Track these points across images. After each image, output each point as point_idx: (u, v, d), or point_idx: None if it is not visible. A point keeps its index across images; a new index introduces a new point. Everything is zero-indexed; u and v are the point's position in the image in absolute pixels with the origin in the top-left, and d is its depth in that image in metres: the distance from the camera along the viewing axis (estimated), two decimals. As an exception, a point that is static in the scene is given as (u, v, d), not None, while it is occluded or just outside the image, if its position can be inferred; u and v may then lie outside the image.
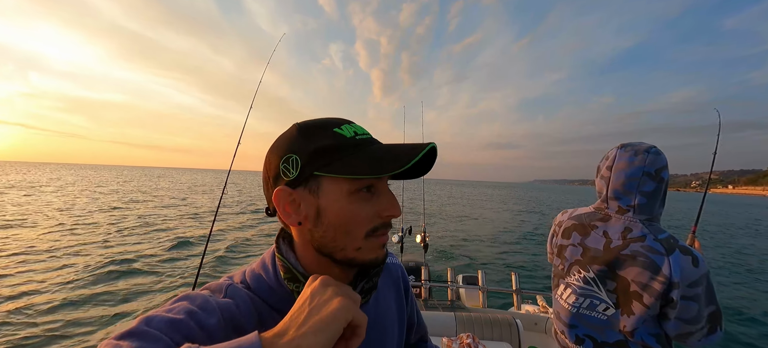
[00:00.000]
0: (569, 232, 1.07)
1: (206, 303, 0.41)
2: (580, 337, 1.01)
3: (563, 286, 1.08)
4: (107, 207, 15.25)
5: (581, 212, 1.08)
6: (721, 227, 18.48)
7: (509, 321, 1.76)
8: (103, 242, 8.45)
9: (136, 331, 0.33)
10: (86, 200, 17.89)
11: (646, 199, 0.92)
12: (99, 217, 12.34)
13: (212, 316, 0.40)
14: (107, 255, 7.23)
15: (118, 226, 10.71)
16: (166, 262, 7.11)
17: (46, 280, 5.60)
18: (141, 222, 11.62)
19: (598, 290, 0.96)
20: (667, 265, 0.82)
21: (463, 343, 1.61)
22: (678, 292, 0.81)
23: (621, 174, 0.94)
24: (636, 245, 0.88)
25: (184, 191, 28.35)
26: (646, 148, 0.93)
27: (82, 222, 11.09)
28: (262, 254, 0.52)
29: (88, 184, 32.71)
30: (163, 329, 0.35)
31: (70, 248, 7.71)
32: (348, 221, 0.43)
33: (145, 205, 17.17)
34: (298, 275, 0.45)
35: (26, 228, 9.74)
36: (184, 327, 0.36)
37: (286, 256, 0.47)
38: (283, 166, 0.43)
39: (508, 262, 8.17)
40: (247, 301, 0.45)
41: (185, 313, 0.38)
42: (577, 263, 1.02)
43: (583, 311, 1.00)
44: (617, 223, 0.95)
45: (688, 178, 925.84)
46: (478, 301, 2.71)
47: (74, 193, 21.58)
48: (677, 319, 0.85)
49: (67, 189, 25.03)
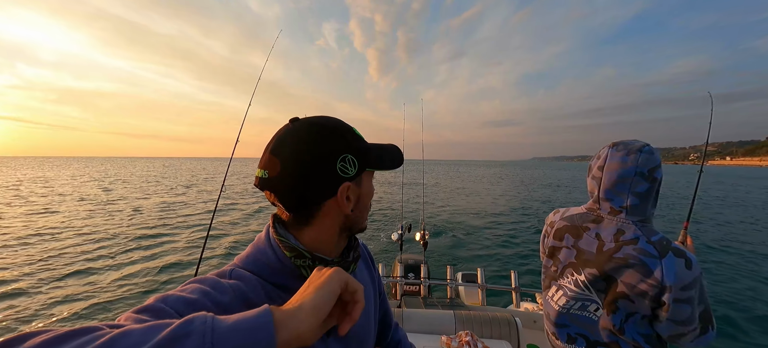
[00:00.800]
0: (561, 233, 1.05)
1: (217, 283, 0.45)
2: (572, 335, 1.01)
3: (555, 288, 1.07)
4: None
5: (573, 213, 1.06)
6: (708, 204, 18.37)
7: (508, 319, 1.77)
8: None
9: (153, 308, 0.37)
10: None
11: (638, 200, 0.90)
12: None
13: (225, 294, 0.44)
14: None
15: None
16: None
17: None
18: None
19: (589, 292, 0.96)
20: (660, 269, 0.82)
21: (462, 341, 1.62)
22: (670, 295, 0.81)
23: (613, 174, 0.92)
24: (628, 248, 0.87)
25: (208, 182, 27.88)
26: (639, 147, 0.91)
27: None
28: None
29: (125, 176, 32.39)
30: (178, 307, 0.38)
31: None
32: (369, 200, 0.58)
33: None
34: (303, 252, 0.51)
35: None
36: (199, 305, 0.40)
37: (285, 237, 0.52)
38: (340, 165, 0.51)
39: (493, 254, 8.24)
40: (253, 281, 0.49)
41: (199, 293, 0.42)
42: (571, 266, 1.01)
43: (575, 312, 1.00)
44: (610, 225, 0.93)
45: (687, 151, 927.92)
46: (477, 299, 2.73)
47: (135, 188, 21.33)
48: (669, 320, 0.85)
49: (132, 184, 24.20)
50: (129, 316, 0.36)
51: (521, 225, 11.34)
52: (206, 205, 14.55)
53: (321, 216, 0.53)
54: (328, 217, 0.53)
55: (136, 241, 8.17)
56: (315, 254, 0.51)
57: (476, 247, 8.36)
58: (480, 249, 8.21)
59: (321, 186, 0.50)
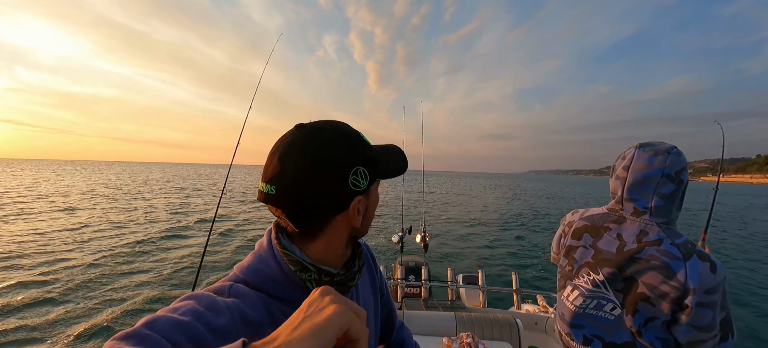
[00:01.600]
0: (580, 233, 1.03)
1: (214, 303, 0.41)
2: (587, 337, 0.99)
3: (570, 288, 1.05)
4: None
5: (593, 213, 1.04)
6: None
7: (509, 321, 1.77)
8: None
9: (137, 334, 0.33)
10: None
11: (663, 201, 0.88)
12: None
13: (221, 316, 0.40)
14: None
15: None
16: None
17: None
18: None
19: (606, 291, 0.94)
20: (684, 271, 0.80)
21: (463, 342, 1.62)
22: (694, 298, 0.79)
23: (639, 174, 0.90)
24: (652, 249, 0.85)
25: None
26: (667, 148, 0.89)
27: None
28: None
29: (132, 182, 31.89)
30: (166, 332, 0.34)
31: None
32: (375, 208, 0.57)
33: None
34: (308, 265, 0.48)
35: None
36: (190, 328, 0.36)
37: (290, 250, 0.49)
38: (353, 179, 0.48)
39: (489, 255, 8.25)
40: (254, 298, 0.45)
41: (191, 314, 0.37)
42: (587, 265, 0.99)
43: (590, 311, 0.98)
44: (632, 226, 0.91)
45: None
46: (478, 300, 2.73)
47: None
48: (690, 325, 0.82)
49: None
50: (112, 346, 0.31)
51: (520, 230, 11.43)
52: (208, 207, 14.49)
53: (330, 230, 0.50)
54: (337, 231, 0.51)
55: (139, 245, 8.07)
56: (321, 267, 0.49)
57: (476, 249, 8.35)
58: (480, 249, 8.20)
59: (332, 201, 0.48)
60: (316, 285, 0.47)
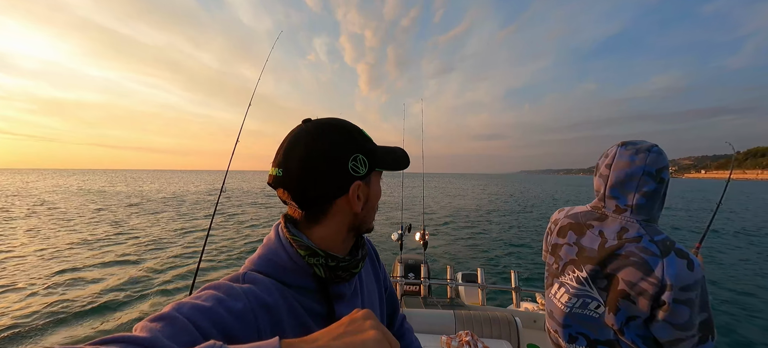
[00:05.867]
0: (565, 231, 1.06)
1: (231, 289, 0.44)
2: (573, 335, 1.01)
3: (557, 285, 1.07)
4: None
5: (578, 211, 1.07)
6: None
7: (508, 319, 1.78)
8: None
9: (168, 316, 0.37)
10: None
11: (645, 199, 0.90)
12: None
13: (238, 301, 0.43)
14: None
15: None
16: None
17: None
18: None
19: (590, 289, 0.95)
20: (661, 267, 0.81)
21: (462, 340, 1.63)
22: (670, 294, 0.79)
23: (621, 173, 0.92)
24: (631, 245, 0.87)
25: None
26: (648, 147, 0.91)
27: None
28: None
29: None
30: (191, 316, 0.38)
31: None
32: (376, 200, 0.60)
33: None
34: (317, 250, 0.52)
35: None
36: (213, 314, 0.40)
37: (299, 236, 0.53)
38: (352, 164, 0.53)
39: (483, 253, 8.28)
40: (267, 283, 0.49)
41: (213, 300, 0.41)
42: (572, 263, 1.01)
43: (576, 310, 0.99)
44: (614, 223, 0.93)
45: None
46: (477, 298, 2.73)
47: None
48: (667, 322, 0.82)
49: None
50: (144, 326, 0.35)
51: (518, 229, 11.54)
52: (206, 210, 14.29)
53: (332, 214, 0.54)
54: (338, 215, 0.55)
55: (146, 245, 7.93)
56: (328, 252, 0.52)
57: (476, 248, 8.38)
58: (480, 250, 8.24)
59: (334, 184, 0.52)
60: (324, 270, 0.52)
